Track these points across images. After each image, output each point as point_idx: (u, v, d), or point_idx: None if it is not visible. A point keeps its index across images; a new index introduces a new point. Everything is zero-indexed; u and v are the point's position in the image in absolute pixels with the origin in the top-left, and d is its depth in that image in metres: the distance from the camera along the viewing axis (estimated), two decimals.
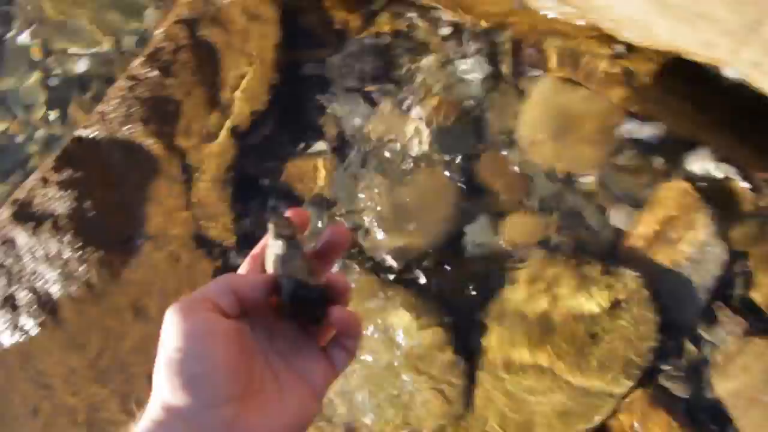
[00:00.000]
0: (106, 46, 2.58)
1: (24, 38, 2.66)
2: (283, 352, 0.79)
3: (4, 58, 2.67)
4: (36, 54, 2.64)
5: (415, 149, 2.06)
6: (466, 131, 2.06)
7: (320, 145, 2.10)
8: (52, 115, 2.56)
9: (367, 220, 1.97)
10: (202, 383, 0.69)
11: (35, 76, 2.60)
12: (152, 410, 0.69)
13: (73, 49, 2.60)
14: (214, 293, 0.74)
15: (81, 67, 2.58)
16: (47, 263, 1.93)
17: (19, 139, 2.57)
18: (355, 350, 0.80)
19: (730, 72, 1.78)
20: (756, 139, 1.90)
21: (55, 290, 1.92)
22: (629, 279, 1.80)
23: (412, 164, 2.02)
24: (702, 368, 1.76)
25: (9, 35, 2.69)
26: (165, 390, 0.69)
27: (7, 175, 2.52)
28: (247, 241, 2.03)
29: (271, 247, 0.77)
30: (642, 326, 1.76)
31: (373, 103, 2.12)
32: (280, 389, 0.76)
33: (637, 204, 1.94)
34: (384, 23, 2.20)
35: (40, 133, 2.54)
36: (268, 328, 0.79)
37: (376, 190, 2.00)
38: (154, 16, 2.56)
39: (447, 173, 1.99)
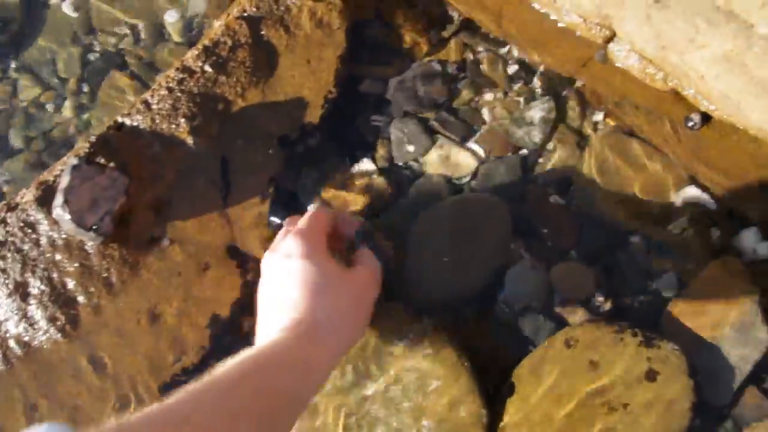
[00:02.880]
0: (149, 27, 2.46)
1: (68, 6, 2.55)
2: None
3: (45, 24, 2.55)
4: (78, 25, 2.52)
5: (466, 184, 1.98)
6: (520, 171, 1.97)
7: (367, 166, 2.00)
8: (85, 89, 2.45)
9: (407, 251, 1.87)
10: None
11: (74, 49, 2.49)
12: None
13: (115, 27, 2.48)
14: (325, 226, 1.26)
15: (120, 45, 2.47)
16: (67, 254, 1.82)
17: (49, 107, 2.46)
18: None
19: None
20: None
21: (71, 283, 1.81)
22: (668, 352, 1.72)
23: (460, 199, 1.93)
24: None
25: (53, 1, 2.57)
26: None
27: (30, 141, 2.42)
28: None
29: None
30: (677, 403, 1.69)
31: (428, 130, 2.03)
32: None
33: (685, 273, 1.87)
34: (452, 51, 2.11)
35: (70, 105, 2.44)
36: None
37: (421, 222, 1.90)
38: (203, 5, 2.45)
39: (495, 212, 1.90)
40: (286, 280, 1.05)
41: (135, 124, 1.90)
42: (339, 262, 1.19)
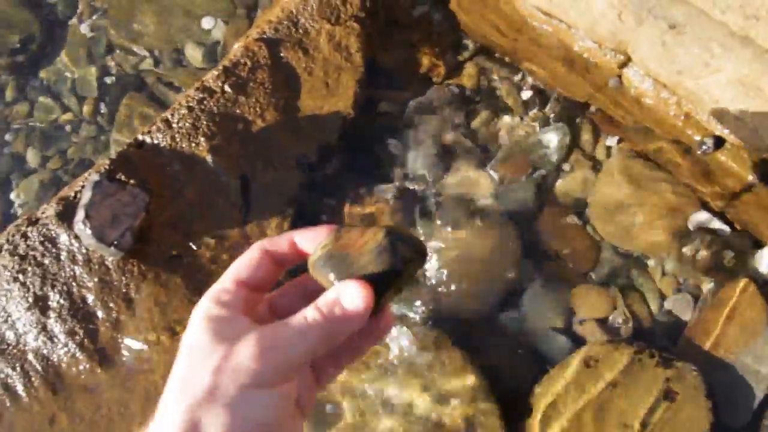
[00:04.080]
0: (167, 49, 2.50)
1: (86, 28, 2.58)
2: None
3: (65, 44, 2.58)
4: (95, 46, 2.56)
5: (483, 206, 2.00)
6: (536, 195, 2.00)
7: (385, 190, 2.02)
8: (102, 109, 2.48)
9: (425, 273, 1.89)
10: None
11: (92, 69, 2.52)
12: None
13: (133, 47, 2.52)
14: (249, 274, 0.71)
15: (138, 66, 2.51)
16: (87, 268, 1.83)
17: (67, 129, 2.48)
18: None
19: None
20: None
21: (90, 298, 1.82)
22: (686, 372, 1.74)
23: (478, 221, 1.95)
24: None
25: (72, 21, 2.61)
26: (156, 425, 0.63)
27: (45, 161, 2.44)
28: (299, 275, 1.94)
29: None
30: (696, 423, 1.70)
31: (446, 154, 2.05)
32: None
33: (700, 296, 1.89)
34: (468, 76, 2.15)
35: (88, 127, 2.46)
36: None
37: (436, 244, 1.92)
38: (221, 30, 2.50)
39: (513, 234, 1.92)
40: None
41: (155, 142, 1.93)
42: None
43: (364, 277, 0.67)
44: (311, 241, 0.74)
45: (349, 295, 0.67)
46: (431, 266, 1.88)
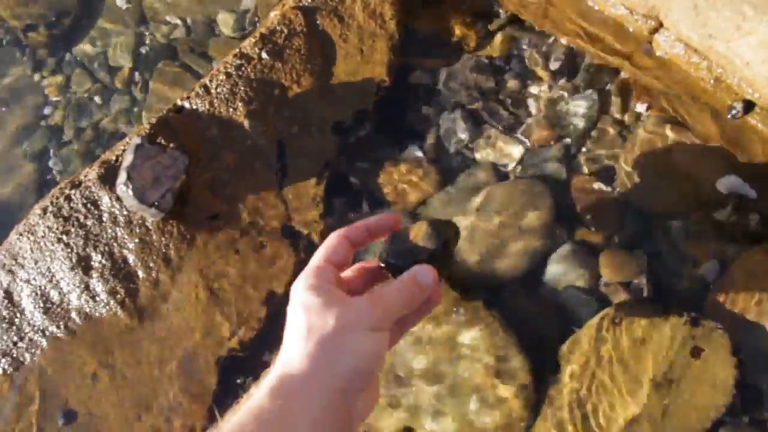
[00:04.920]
0: (200, 18, 2.54)
1: (121, 0, 2.63)
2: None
3: (100, 16, 2.63)
4: (129, 17, 2.61)
5: (512, 170, 2.03)
6: (564, 159, 2.03)
7: (417, 153, 2.06)
8: (137, 78, 2.52)
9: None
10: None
11: (126, 40, 2.57)
12: (273, 371, 0.84)
13: (167, 17, 2.56)
14: (336, 257, 0.96)
15: (172, 36, 2.55)
16: (128, 230, 1.88)
17: (98, 100, 2.53)
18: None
19: None
20: None
21: (131, 258, 1.87)
22: (713, 330, 1.76)
23: (506, 186, 1.99)
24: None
25: None
26: (288, 353, 0.84)
27: (80, 133, 2.49)
28: None
29: None
30: (721, 379, 1.73)
31: (476, 120, 2.09)
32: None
33: (726, 258, 1.91)
34: (499, 44, 2.18)
35: (121, 98, 2.51)
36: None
37: (469, 206, 1.96)
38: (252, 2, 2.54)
39: (541, 199, 1.95)
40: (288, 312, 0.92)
41: (194, 107, 1.97)
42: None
43: (423, 260, 0.97)
44: (380, 228, 1.04)
45: (422, 273, 0.94)
46: (462, 231, 1.92)
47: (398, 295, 0.90)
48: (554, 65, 2.16)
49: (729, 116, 1.92)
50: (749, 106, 1.88)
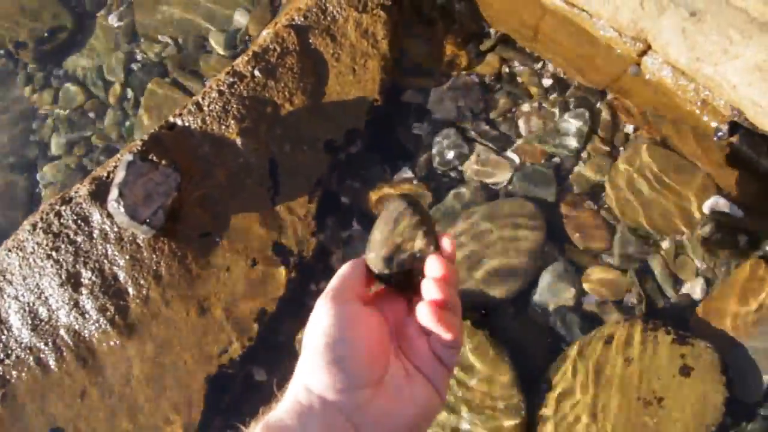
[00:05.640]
0: (191, 37, 2.55)
1: (113, 18, 2.64)
2: (403, 347, 0.85)
3: (93, 33, 2.64)
4: (122, 35, 2.61)
5: (502, 189, 2.05)
6: (554, 179, 2.05)
7: (407, 173, 2.07)
8: (129, 95, 2.52)
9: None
10: (344, 366, 0.76)
11: (118, 57, 2.57)
12: (293, 389, 0.77)
13: (159, 35, 2.57)
14: (356, 279, 0.86)
15: (164, 53, 2.55)
16: (119, 246, 1.87)
17: (91, 115, 2.53)
18: (457, 343, 0.84)
19: None
20: None
21: (121, 275, 1.86)
22: (702, 349, 1.78)
23: (497, 206, 2.00)
24: None
25: (100, 13, 2.67)
26: (308, 370, 0.77)
27: (71, 147, 2.48)
28: (323, 255, 1.99)
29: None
30: (710, 397, 1.74)
31: (467, 139, 2.11)
32: (409, 381, 0.81)
33: (714, 276, 1.94)
34: (489, 64, 2.20)
35: (112, 113, 2.51)
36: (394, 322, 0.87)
37: (459, 226, 1.97)
38: (244, 18, 2.54)
39: (531, 219, 1.97)
40: (308, 323, 0.84)
41: (186, 124, 1.97)
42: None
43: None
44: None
45: (434, 261, 0.83)
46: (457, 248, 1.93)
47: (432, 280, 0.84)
48: (545, 83, 2.19)
49: (715, 138, 1.94)
50: (735, 127, 1.91)
